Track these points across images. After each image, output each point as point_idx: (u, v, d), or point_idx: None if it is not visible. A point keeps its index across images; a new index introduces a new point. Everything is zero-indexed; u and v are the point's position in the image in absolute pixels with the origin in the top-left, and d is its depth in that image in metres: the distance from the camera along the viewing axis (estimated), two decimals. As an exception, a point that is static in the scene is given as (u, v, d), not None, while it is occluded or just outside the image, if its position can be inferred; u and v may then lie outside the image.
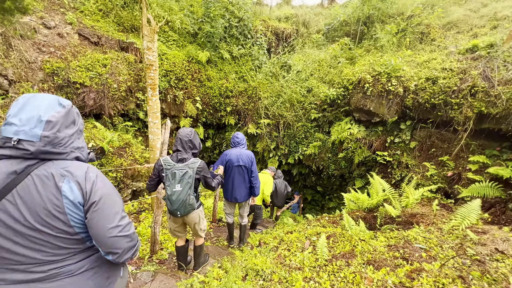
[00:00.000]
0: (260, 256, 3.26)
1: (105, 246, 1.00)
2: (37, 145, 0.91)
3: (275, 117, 7.57)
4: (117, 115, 5.80)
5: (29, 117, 0.91)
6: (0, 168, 0.90)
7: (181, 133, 2.34)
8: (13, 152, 0.90)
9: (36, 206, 0.90)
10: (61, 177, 0.94)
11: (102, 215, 0.99)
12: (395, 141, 6.47)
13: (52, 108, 0.97)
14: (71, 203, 0.95)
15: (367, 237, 3.76)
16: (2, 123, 1.01)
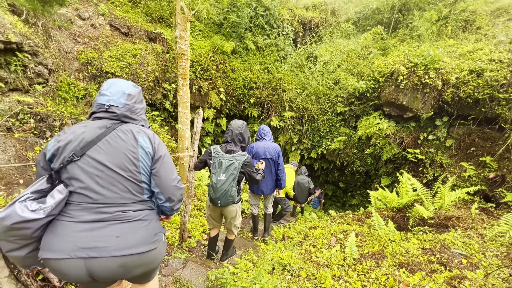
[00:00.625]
0: (285, 250, 3.22)
1: (167, 193, 1.24)
2: (121, 110, 1.22)
3: (299, 110, 7.38)
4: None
5: (116, 91, 1.23)
6: (95, 124, 1.18)
7: (233, 125, 2.36)
8: (104, 115, 1.20)
9: (118, 152, 1.15)
10: (137, 132, 1.22)
11: (167, 167, 1.26)
12: (428, 138, 6.05)
13: (130, 86, 1.30)
14: (144, 152, 1.20)
15: (397, 238, 3.58)
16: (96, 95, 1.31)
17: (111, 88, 1.23)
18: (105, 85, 1.26)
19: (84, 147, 1.11)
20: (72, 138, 1.11)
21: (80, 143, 1.11)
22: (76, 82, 4.72)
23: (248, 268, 2.54)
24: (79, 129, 1.15)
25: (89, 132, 1.14)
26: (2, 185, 2.58)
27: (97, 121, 1.20)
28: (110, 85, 1.25)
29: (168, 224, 2.97)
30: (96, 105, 1.23)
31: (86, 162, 1.10)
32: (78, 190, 1.08)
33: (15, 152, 2.97)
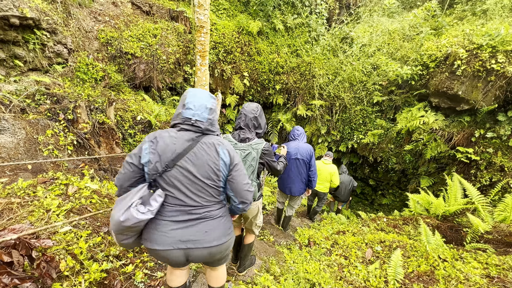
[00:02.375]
0: (312, 261, 2.77)
1: (240, 197, 1.41)
2: (205, 124, 1.34)
3: (329, 98, 6.67)
4: (165, 88, 5.67)
5: (200, 105, 1.33)
6: (183, 137, 1.30)
7: (246, 108, 2.03)
8: (190, 128, 1.32)
9: (203, 163, 1.31)
10: (218, 145, 1.35)
11: (241, 174, 1.40)
12: (486, 135, 5.10)
13: (210, 99, 1.39)
14: (224, 163, 1.35)
15: (449, 256, 2.96)
16: (181, 107, 1.37)
17: (195, 101, 1.33)
18: (188, 97, 1.35)
19: (175, 158, 1.27)
20: (166, 150, 1.26)
21: (172, 155, 1.26)
22: (95, 62, 4.51)
23: (269, 284, 2.13)
24: (170, 141, 1.28)
25: (179, 144, 1.28)
26: (8, 171, 2.40)
27: (184, 132, 1.32)
28: (193, 98, 1.34)
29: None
30: (182, 118, 1.32)
31: (178, 171, 1.28)
32: (172, 195, 1.30)
33: (25, 135, 2.78)
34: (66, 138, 3.10)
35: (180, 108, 1.34)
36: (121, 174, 1.28)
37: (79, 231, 1.77)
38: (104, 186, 2.90)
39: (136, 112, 4.49)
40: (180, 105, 1.35)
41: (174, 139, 1.28)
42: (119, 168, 3.57)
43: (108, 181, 3.24)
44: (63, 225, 1.63)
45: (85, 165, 3.16)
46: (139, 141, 4.28)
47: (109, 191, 2.64)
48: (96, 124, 3.44)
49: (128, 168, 1.27)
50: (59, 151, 2.97)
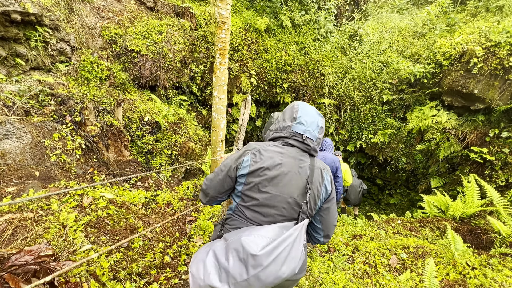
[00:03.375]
0: (337, 270, 2.64)
1: (328, 230, 1.26)
2: (314, 143, 1.21)
3: (338, 97, 6.53)
4: (171, 87, 5.49)
5: (312, 122, 1.21)
6: (290, 153, 1.17)
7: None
8: (298, 145, 1.19)
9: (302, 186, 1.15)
10: (323, 170, 1.22)
11: (334, 207, 1.25)
12: (502, 135, 4.99)
13: (320, 117, 1.26)
14: (325, 191, 1.20)
15: (477, 263, 2.85)
16: (287, 123, 1.23)
17: (307, 117, 1.21)
18: (300, 112, 1.22)
19: (279, 175, 1.12)
20: (269, 165, 1.12)
21: (274, 171, 1.12)
22: (99, 61, 4.31)
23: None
24: (276, 156, 1.14)
25: (285, 164, 1.13)
26: (15, 179, 2.22)
27: (290, 148, 1.19)
28: (305, 113, 1.22)
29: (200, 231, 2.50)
30: (290, 132, 1.20)
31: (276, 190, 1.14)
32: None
33: (32, 140, 2.60)
34: (74, 142, 2.93)
35: (288, 121, 1.21)
36: (210, 181, 1.22)
37: (99, 248, 1.61)
38: (116, 192, 2.73)
39: (143, 112, 4.31)
40: (287, 118, 1.22)
41: (281, 156, 1.14)
42: (129, 173, 3.41)
43: (118, 186, 3.08)
44: (83, 243, 1.47)
45: (94, 170, 2.99)
46: (147, 143, 4.11)
47: (122, 198, 2.48)
48: (104, 126, 3.27)
49: (221, 176, 1.18)
50: (67, 156, 2.80)
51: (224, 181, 1.18)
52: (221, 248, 0.99)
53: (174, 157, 4.30)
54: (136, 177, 3.33)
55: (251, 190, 1.11)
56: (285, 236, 0.96)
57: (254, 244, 0.92)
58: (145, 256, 1.80)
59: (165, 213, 2.57)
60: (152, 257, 1.83)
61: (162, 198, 2.90)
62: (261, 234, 0.98)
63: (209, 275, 0.91)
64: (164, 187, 3.65)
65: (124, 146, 3.64)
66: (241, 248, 0.92)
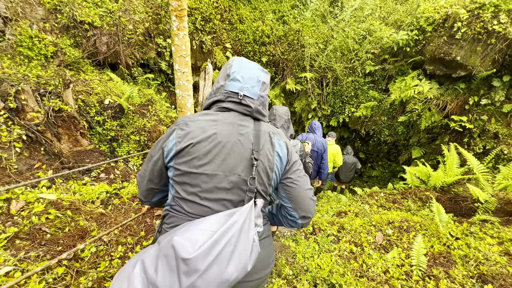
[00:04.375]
0: (322, 253, 2.51)
1: (302, 208, 1.00)
2: (255, 103, 0.97)
3: (320, 70, 6.20)
4: (135, 65, 4.88)
5: (250, 77, 0.96)
6: (227, 119, 0.92)
7: (279, 110, 2.01)
8: (236, 107, 0.95)
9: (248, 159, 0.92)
10: (273, 134, 0.97)
11: (301, 176, 1.00)
12: (481, 102, 4.99)
13: (261, 72, 1.01)
14: (280, 160, 0.95)
15: (459, 232, 2.84)
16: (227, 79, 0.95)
17: (243, 72, 0.96)
18: (234, 66, 0.97)
19: (213, 149, 0.87)
20: (200, 139, 0.86)
21: (206, 144, 0.87)
22: (41, 35, 3.63)
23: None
24: (208, 126, 0.89)
25: (221, 133, 0.88)
26: None
27: (226, 114, 0.94)
28: (240, 67, 0.97)
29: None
30: (224, 92, 0.96)
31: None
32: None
33: (-51, 133, 2.10)
34: (11, 133, 2.44)
35: (222, 80, 0.97)
36: (143, 171, 0.97)
37: (30, 265, 1.29)
38: (70, 190, 2.35)
39: (103, 95, 3.78)
40: (221, 77, 0.99)
41: (213, 123, 0.89)
42: (89, 164, 2.99)
43: (75, 181, 2.68)
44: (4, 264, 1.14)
45: (43, 164, 2.55)
46: (110, 130, 3.65)
47: (74, 197, 2.12)
48: (50, 113, 2.77)
49: (149, 165, 0.94)
50: (3, 150, 2.33)
51: (154, 169, 0.93)
52: (152, 256, 0.72)
53: (143, 143, 3.88)
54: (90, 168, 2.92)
55: (183, 175, 0.86)
56: (227, 226, 0.73)
57: (189, 244, 0.68)
58: (98, 266, 1.51)
59: (129, 209, 2.26)
60: (107, 265, 1.54)
61: (127, 191, 2.55)
62: (201, 229, 0.72)
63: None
64: (133, 177, 3.28)
65: (81, 135, 3.17)
66: (172, 252, 0.68)
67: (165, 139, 0.90)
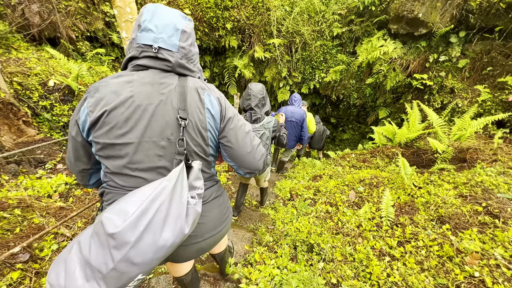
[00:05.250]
0: (301, 217, 2.60)
1: (245, 165, 0.97)
2: (176, 56, 0.83)
3: (288, 35, 5.95)
4: (81, 38, 4.26)
5: (165, 24, 0.81)
6: (144, 78, 0.80)
7: (254, 89, 2.04)
8: (152, 63, 0.81)
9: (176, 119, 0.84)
10: (202, 90, 0.87)
11: (240, 132, 0.93)
12: (439, 59, 5.22)
13: (181, 17, 0.85)
14: (212, 118, 0.87)
15: (421, 182, 3.10)
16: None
17: (156, 19, 0.79)
18: (145, 14, 0.80)
19: (132, 114, 0.77)
20: (115, 105, 0.75)
21: (123, 110, 0.76)
22: None
23: (264, 257, 1.87)
24: (122, 89, 0.76)
25: (138, 94, 0.76)
26: None
27: (142, 73, 0.80)
28: (153, 14, 0.80)
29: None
30: (137, 46, 0.80)
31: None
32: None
33: None
34: None
35: (134, 32, 0.82)
36: (68, 152, 0.86)
37: (-25, 275, 1.13)
38: (21, 186, 2.09)
39: (44, 75, 3.28)
40: (133, 29, 0.83)
41: (129, 85, 0.77)
42: (40, 155, 2.67)
43: (26, 176, 2.39)
44: None
45: (-19, 161, 2.21)
46: (62, 115, 3.24)
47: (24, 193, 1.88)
48: (-23, 100, 2.33)
49: (70, 144, 0.84)
50: None
51: (77, 147, 0.82)
52: (87, 235, 0.71)
53: (103, 127, 3.54)
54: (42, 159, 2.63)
55: (106, 148, 0.77)
56: (155, 194, 0.69)
57: (118, 217, 0.66)
58: (62, 263, 1.39)
59: (93, 199, 2.08)
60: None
61: (90, 180, 2.35)
62: (132, 200, 0.69)
63: (73, 275, 0.64)
64: (97, 164, 3.02)
65: (25, 123, 2.78)
66: (101, 229, 0.66)
67: (78, 111, 0.78)
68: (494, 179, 2.74)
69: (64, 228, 1.60)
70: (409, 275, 1.74)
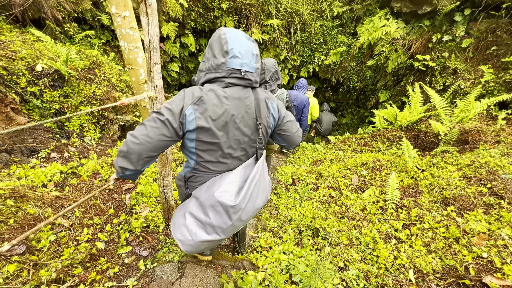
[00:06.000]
0: (304, 202, 2.57)
1: (292, 145, 1.32)
2: (254, 76, 1.09)
3: (287, 14, 5.70)
4: (68, 20, 4.01)
5: (246, 51, 1.03)
6: (234, 94, 1.05)
7: (267, 64, 2.17)
8: (239, 82, 1.06)
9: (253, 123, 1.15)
10: (267, 100, 1.15)
11: (291, 122, 1.25)
12: (443, 39, 5.06)
13: (252, 42, 1.08)
14: (273, 119, 1.18)
15: (424, 164, 3.07)
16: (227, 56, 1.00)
17: (240, 47, 1.02)
18: (230, 42, 1.01)
19: (228, 121, 1.06)
20: (218, 114, 1.02)
21: (223, 118, 1.03)
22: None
23: (269, 243, 1.83)
24: (221, 102, 1.02)
25: (232, 107, 1.04)
26: None
27: (232, 89, 1.06)
28: (236, 42, 1.02)
29: (144, 198, 2.04)
30: (227, 70, 1.03)
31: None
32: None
33: None
34: None
35: (220, 56, 1.01)
36: (143, 137, 0.94)
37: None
38: (13, 176, 1.99)
39: (31, 59, 3.09)
40: (217, 52, 1.02)
41: (225, 100, 1.02)
42: (32, 144, 2.56)
43: (19, 165, 2.29)
44: None
45: (-31, 150, 2.10)
46: (52, 102, 3.09)
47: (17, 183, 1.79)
48: (-41, 86, 2.18)
49: (156, 133, 0.95)
50: None
51: (164, 140, 0.97)
52: (195, 207, 1.07)
53: (97, 113, 3.41)
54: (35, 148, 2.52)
55: (207, 144, 1.05)
56: (252, 175, 1.05)
57: (229, 195, 1.00)
58: (61, 254, 1.33)
59: (91, 188, 2.00)
60: (73, 251, 1.36)
61: (86, 168, 2.25)
62: (228, 182, 1.04)
63: (196, 233, 1.02)
64: (93, 153, 2.92)
65: (13, 110, 2.64)
66: (217, 204, 0.99)
67: (180, 112, 0.97)
68: (498, 160, 2.72)
69: (61, 218, 1.53)
70: (416, 257, 1.72)
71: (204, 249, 1.08)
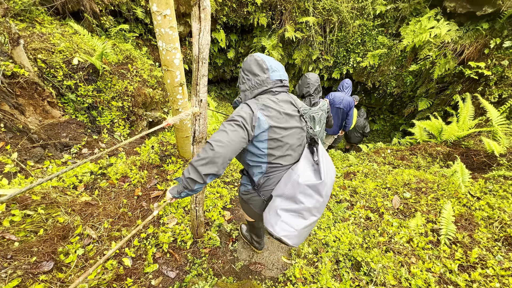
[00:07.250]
0: (339, 224, 2.33)
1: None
2: (287, 83, 1.35)
3: (324, 12, 5.35)
4: (104, 13, 4.01)
5: (278, 65, 1.32)
6: (283, 98, 1.30)
7: (311, 79, 2.38)
8: (281, 89, 1.32)
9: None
10: (295, 100, 1.40)
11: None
12: (503, 45, 4.47)
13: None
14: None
15: (477, 191, 2.69)
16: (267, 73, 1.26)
17: (274, 64, 1.29)
18: (267, 62, 1.27)
19: (286, 118, 1.27)
20: (280, 115, 1.22)
21: (282, 118, 1.24)
22: None
23: (303, 273, 1.64)
24: (277, 106, 1.23)
25: (285, 108, 1.25)
26: None
27: (280, 95, 1.29)
28: (270, 60, 1.29)
29: (172, 209, 1.94)
30: (272, 82, 1.27)
31: None
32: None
33: None
34: (-46, 108, 1.93)
35: (262, 73, 1.25)
36: (226, 141, 1.07)
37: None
38: (46, 173, 1.97)
39: (69, 52, 3.11)
40: (259, 71, 1.25)
41: (280, 103, 1.25)
42: (65, 139, 2.56)
43: (52, 160, 2.28)
44: None
45: (6, 144, 2.11)
46: (86, 96, 3.09)
47: (49, 184, 1.74)
48: (1, 79, 2.19)
49: (237, 135, 1.09)
50: None
51: (241, 140, 1.10)
52: (283, 202, 1.20)
53: (128, 109, 3.38)
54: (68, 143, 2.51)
55: (275, 141, 1.20)
56: (321, 152, 1.27)
57: (311, 177, 1.20)
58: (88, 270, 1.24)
59: (119, 193, 1.93)
60: (101, 270, 1.27)
61: (115, 170, 2.19)
62: (303, 169, 1.22)
63: (295, 223, 1.17)
64: (122, 150, 2.89)
65: (50, 104, 2.65)
66: (306, 188, 1.16)
67: (250, 118, 1.13)
68: None
69: (89, 229, 1.45)
70: (482, 313, 1.45)
71: (306, 235, 1.23)
